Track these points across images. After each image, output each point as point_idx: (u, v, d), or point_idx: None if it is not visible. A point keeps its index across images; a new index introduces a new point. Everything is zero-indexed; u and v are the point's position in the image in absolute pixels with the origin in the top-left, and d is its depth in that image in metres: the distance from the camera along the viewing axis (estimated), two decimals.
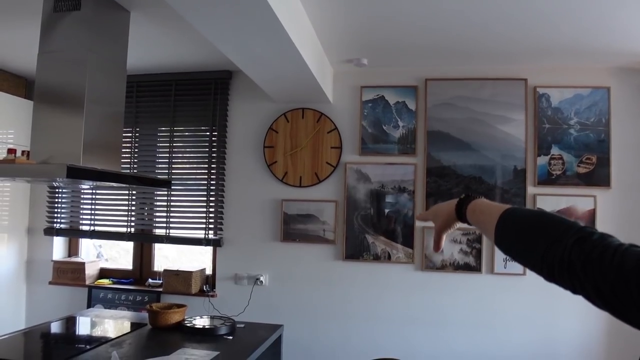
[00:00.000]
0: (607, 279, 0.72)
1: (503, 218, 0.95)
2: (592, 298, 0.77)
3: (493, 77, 3.46)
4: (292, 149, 3.67)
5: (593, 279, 0.74)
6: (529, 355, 3.34)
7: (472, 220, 1.07)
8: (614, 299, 0.71)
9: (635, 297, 0.68)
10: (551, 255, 0.82)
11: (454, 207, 1.12)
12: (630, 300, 0.68)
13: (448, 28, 2.83)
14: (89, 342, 2.51)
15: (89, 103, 2.33)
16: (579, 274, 0.77)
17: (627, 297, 0.69)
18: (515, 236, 0.93)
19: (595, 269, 0.74)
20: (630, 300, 0.68)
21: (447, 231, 1.18)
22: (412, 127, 3.55)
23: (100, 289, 3.90)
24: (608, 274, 0.72)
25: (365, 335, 3.53)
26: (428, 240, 3.46)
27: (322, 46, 3.16)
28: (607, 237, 0.77)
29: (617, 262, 0.71)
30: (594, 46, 3.04)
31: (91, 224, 3.99)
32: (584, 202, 3.34)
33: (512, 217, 0.95)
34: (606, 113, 3.36)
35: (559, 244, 0.81)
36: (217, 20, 2.16)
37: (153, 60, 3.58)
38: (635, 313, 0.69)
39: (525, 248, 0.90)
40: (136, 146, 3.93)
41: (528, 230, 0.90)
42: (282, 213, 3.66)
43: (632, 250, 0.72)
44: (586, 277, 0.76)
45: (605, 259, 0.73)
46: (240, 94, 3.81)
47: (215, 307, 3.67)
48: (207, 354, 2.28)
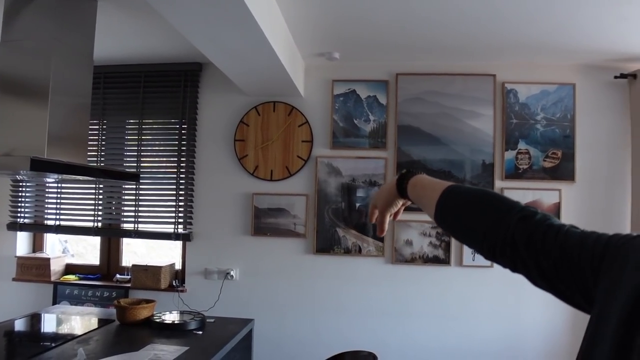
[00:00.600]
0: (550, 256, 0.74)
1: (445, 194, 0.95)
2: (533, 276, 0.79)
3: (463, 73, 3.51)
4: (263, 142, 3.65)
5: (535, 256, 0.76)
6: (497, 346, 3.42)
7: (413, 196, 1.06)
8: (555, 276, 0.74)
9: (576, 274, 0.70)
10: (494, 232, 0.83)
11: (394, 183, 1.10)
12: (571, 277, 0.71)
13: (419, 24, 2.85)
14: (55, 339, 2.45)
15: (53, 94, 2.26)
16: (522, 251, 0.78)
17: (568, 275, 0.72)
18: (457, 213, 0.93)
19: (538, 247, 0.76)
20: (571, 277, 0.71)
21: (389, 210, 1.14)
22: (382, 121, 3.57)
23: (66, 285, 3.81)
24: (552, 252, 0.74)
25: (336, 328, 3.55)
26: (398, 234, 3.49)
27: (294, 39, 3.15)
28: (549, 217, 0.79)
29: (560, 241, 0.73)
30: (560, 44, 3.10)
31: (56, 218, 3.89)
32: (549, 196, 3.42)
33: (455, 193, 0.95)
34: (571, 109, 3.44)
35: (501, 222, 0.82)
36: (187, 12, 2.12)
37: (121, 51, 3.50)
38: (575, 291, 0.72)
39: (467, 225, 0.91)
40: (103, 139, 3.85)
41: (470, 208, 0.90)
42: (252, 207, 3.64)
43: (572, 230, 0.75)
44: (529, 255, 0.77)
45: (549, 237, 0.75)
46: (211, 86, 3.77)
47: (185, 302, 3.63)
48: (176, 349, 2.25)
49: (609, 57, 3.30)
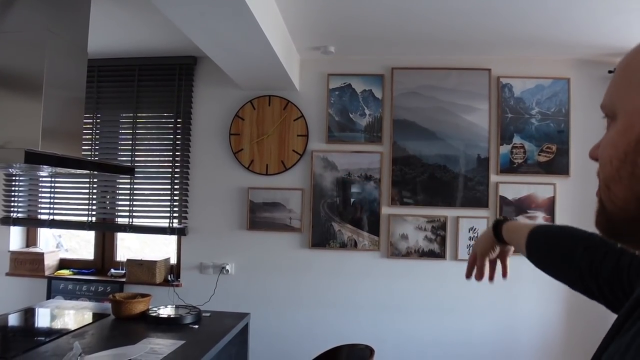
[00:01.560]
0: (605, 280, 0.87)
1: (529, 237, 1.09)
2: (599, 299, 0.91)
3: (458, 67, 3.51)
4: (258, 136, 3.64)
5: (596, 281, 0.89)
6: (492, 339, 3.44)
7: (507, 238, 1.20)
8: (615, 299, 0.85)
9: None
10: (568, 266, 0.97)
11: (491, 229, 1.25)
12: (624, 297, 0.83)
13: (414, 18, 2.85)
14: (49, 333, 2.44)
15: (48, 87, 2.24)
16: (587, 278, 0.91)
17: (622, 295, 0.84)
18: (539, 253, 1.07)
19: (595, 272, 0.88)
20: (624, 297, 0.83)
21: (488, 255, 1.28)
22: (378, 115, 3.56)
23: (60, 280, 3.79)
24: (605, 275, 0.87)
25: (332, 322, 3.56)
26: (394, 228, 3.50)
27: (290, 33, 3.13)
28: (607, 243, 0.90)
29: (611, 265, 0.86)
30: (554, 38, 3.11)
31: (50, 212, 3.87)
32: (544, 190, 3.43)
33: (536, 235, 1.08)
34: (566, 103, 3.45)
35: (571, 256, 0.95)
36: (183, 3, 2.11)
37: (115, 44, 3.48)
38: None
39: (555, 256, 1.03)
40: (97, 133, 3.82)
41: (548, 247, 1.05)
42: (248, 201, 3.63)
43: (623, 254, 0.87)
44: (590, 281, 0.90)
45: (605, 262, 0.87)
46: (206, 80, 3.75)
47: (180, 296, 3.62)
48: (172, 343, 2.25)
49: (603, 51, 3.31)
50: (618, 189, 0.54)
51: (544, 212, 3.42)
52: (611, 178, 0.55)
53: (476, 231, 3.44)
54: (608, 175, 0.56)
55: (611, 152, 0.56)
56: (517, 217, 3.42)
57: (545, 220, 3.41)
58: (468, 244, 3.44)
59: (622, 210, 0.54)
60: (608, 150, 0.56)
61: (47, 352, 2.11)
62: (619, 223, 0.56)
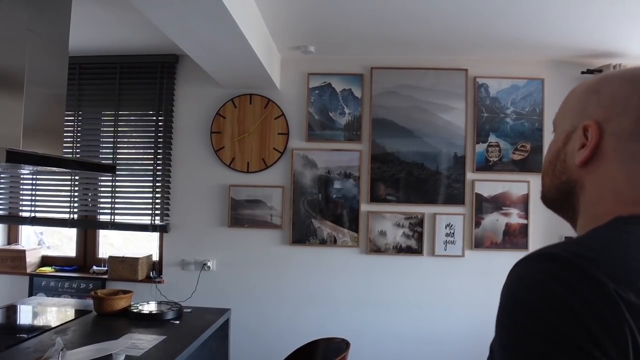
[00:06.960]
0: None
1: None
2: None
3: (435, 67, 3.58)
4: (239, 134, 3.68)
5: None
6: (469, 333, 3.52)
7: None
8: None
9: None
10: None
11: None
12: None
13: (393, 18, 2.91)
14: (31, 330, 2.46)
15: (29, 84, 2.26)
16: None
17: None
18: None
19: None
20: None
21: None
22: (357, 114, 3.63)
23: (42, 277, 3.80)
24: None
25: (312, 317, 3.62)
26: (373, 224, 3.56)
27: (270, 33, 3.18)
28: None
29: None
30: (529, 40, 3.20)
31: (32, 210, 3.87)
32: (518, 187, 3.53)
33: None
34: (540, 103, 3.55)
35: None
36: (161, 3, 2.14)
37: (97, 41, 3.49)
38: None
39: None
40: (79, 130, 3.83)
41: None
42: (229, 198, 3.68)
43: None
44: None
45: None
46: (187, 78, 3.78)
47: (162, 293, 3.66)
48: (154, 338, 2.29)
49: (576, 53, 3.42)
50: (546, 180, 0.81)
51: (518, 209, 3.52)
52: (544, 172, 0.82)
53: (453, 228, 3.53)
54: (543, 170, 0.83)
55: (546, 155, 0.82)
56: (492, 213, 3.52)
57: (519, 217, 3.51)
58: (445, 240, 3.53)
59: (548, 193, 0.81)
60: (547, 153, 0.82)
61: (29, 349, 2.14)
62: (549, 201, 0.83)
